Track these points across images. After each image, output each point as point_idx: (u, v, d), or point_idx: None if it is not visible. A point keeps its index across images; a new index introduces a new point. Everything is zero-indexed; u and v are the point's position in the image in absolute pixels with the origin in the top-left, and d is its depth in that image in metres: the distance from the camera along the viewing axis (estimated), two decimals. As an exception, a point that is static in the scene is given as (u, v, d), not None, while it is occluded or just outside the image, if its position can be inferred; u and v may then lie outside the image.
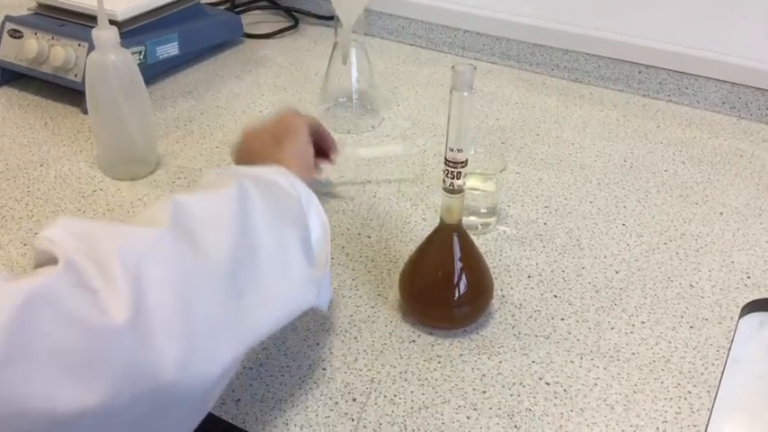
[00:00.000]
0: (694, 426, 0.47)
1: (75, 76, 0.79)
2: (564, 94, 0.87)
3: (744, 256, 0.61)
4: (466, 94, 0.46)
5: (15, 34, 0.83)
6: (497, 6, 0.90)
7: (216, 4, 1.04)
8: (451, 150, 0.48)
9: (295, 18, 1.03)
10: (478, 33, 0.93)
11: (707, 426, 0.47)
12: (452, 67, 0.46)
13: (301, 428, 0.45)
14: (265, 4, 1.05)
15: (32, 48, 0.80)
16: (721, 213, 0.67)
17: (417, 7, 0.95)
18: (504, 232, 0.64)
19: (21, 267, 0.58)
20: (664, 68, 0.84)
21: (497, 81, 0.89)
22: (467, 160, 0.48)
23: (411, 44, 0.98)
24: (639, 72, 0.85)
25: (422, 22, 0.96)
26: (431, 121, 0.80)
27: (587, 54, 0.87)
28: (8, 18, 0.84)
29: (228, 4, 1.04)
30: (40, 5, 0.85)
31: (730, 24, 0.79)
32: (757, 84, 0.80)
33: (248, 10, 1.04)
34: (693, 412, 0.47)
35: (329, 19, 1.01)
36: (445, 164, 0.48)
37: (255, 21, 1.03)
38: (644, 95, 0.86)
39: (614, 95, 0.86)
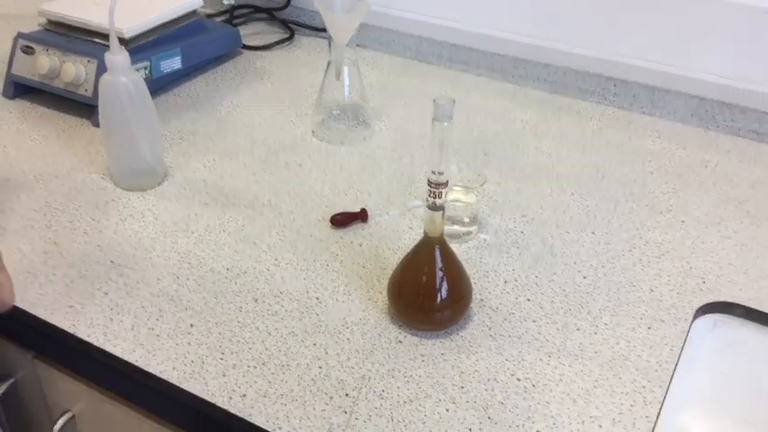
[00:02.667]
0: (646, 417, 0.53)
1: (86, 90, 0.84)
2: (544, 105, 0.92)
3: (701, 262, 0.67)
4: (446, 124, 0.52)
5: (28, 50, 0.88)
6: (483, 22, 0.96)
7: (215, 15, 1.09)
8: (433, 173, 0.53)
9: (291, 30, 1.08)
10: (465, 47, 0.98)
11: (658, 416, 0.53)
12: (434, 100, 0.51)
13: (300, 420, 0.52)
14: (263, 16, 1.10)
15: (44, 64, 0.85)
16: (683, 222, 0.73)
17: (407, 22, 1.00)
18: (485, 240, 0.69)
19: (43, 275, 0.64)
20: (637, 83, 0.90)
21: (482, 93, 0.95)
22: (447, 181, 0.54)
23: (401, 56, 1.04)
24: (614, 86, 0.91)
25: (411, 36, 1.01)
26: (419, 132, 0.86)
27: (566, 68, 0.93)
28: (21, 35, 0.89)
29: (227, 15, 1.09)
30: (50, 22, 0.91)
31: (698, 44, 0.85)
32: (723, 98, 0.86)
33: (246, 22, 1.09)
34: (646, 405, 0.54)
35: (323, 31, 1.06)
36: (428, 185, 0.54)
37: (253, 32, 1.08)
38: (618, 108, 0.92)
39: (591, 107, 0.92)
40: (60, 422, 0.66)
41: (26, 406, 0.70)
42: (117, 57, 0.68)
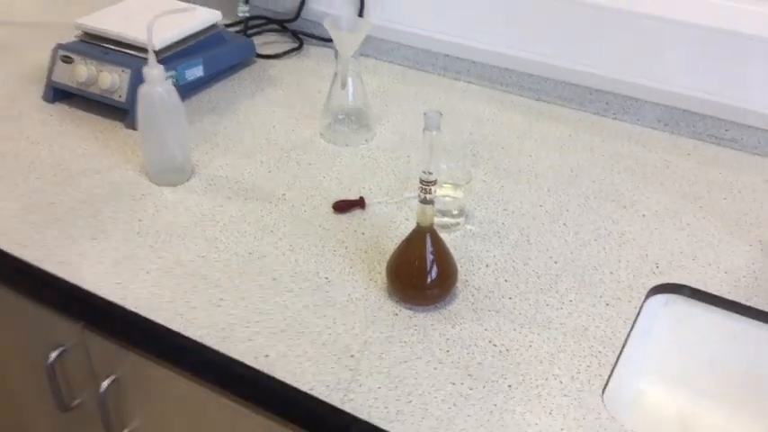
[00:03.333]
0: (600, 375, 0.64)
1: (120, 96, 0.95)
2: (528, 111, 1.03)
3: (656, 250, 0.78)
4: (434, 132, 0.62)
5: (67, 60, 0.99)
6: (474, 36, 1.07)
7: (231, 24, 1.20)
8: (424, 173, 0.64)
9: (300, 40, 1.19)
10: (457, 58, 1.09)
11: (609, 375, 0.64)
12: (424, 113, 0.62)
13: (313, 375, 0.62)
14: (275, 27, 1.21)
15: (82, 73, 0.96)
16: (644, 215, 0.84)
17: (406, 35, 1.11)
18: (471, 230, 0.80)
19: (90, 259, 0.74)
20: (610, 92, 1.00)
21: (472, 99, 1.06)
22: (436, 180, 0.65)
23: (400, 65, 1.14)
24: (590, 94, 1.02)
25: (409, 47, 1.12)
26: (415, 134, 0.97)
27: (548, 78, 1.04)
28: (60, 46, 0.99)
29: (242, 26, 1.20)
30: (86, 34, 1.01)
31: (662, 59, 0.96)
32: (685, 107, 0.97)
33: (259, 32, 1.20)
34: (600, 366, 0.65)
35: (329, 41, 1.16)
36: (420, 183, 0.65)
37: (266, 42, 1.19)
38: (593, 114, 1.03)
39: (569, 113, 1.03)
40: (105, 384, 0.77)
41: (74, 371, 0.81)
42: (154, 70, 0.79)
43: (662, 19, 0.93)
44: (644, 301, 0.72)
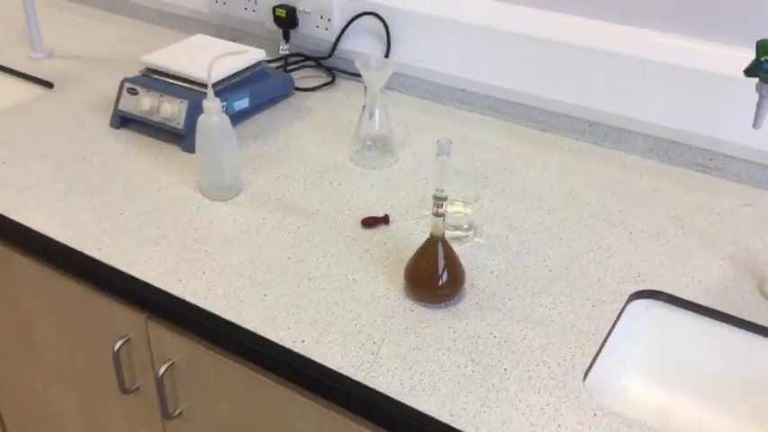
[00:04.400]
0: (582, 364, 0.75)
1: (178, 124, 1.10)
2: (534, 141, 1.16)
3: (639, 262, 0.90)
4: (445, 157, 0.76)
5: (132, 91, 1.14)
6: (486, 74, 1.20)
7: (273, 60, 1.35)
8: (437, 191, 0.77)
9: (333, 75, 1.33)
10: (471, 92, 1.22)
11: (591, 364, 0.76)
12: (437, 141, 0.75)
13: (342, 357, 0.75)
14: (311, 63, 1.36)
15: (146, 103, 1.11)
16: (631, 233, 0.95)
17: (427, 71, 1.25)
18: (478, 242, 0.93)
19: (155, 261, 0.88)
20: (607, 124, 1.13)
21: (485, 129, 1.19)
22: (446, 197, 0.78)
23: (421, 98, 1.28)
24: (590, 126, 1.14)
25: (430, 82, 1.26)
26: (432, 159, 1.10)
27: (552, 111, 1.17)
28: (126, 80, 1.15)
29: (283, 62, 1.35)
30: (149, 69, 1.17)
31: (653, 96, 1.08)
32: (674, 138, 1.09)
33: (298, 69, 1.35)
34: (584, 356, 0.76)
35: (359, 76, 1.31)
36: (433, 199, 0.78)
37: (303, 76, 1.34)
38: (592, 143, 1.15)
39: (570, 143, 1.15)
40: (162, 368, 0.90)
41: (135, 358, 0.95)
42: (211, 102, 0.94)
43: (650, 61, 1.06)
44: (625, 304, 0.84)
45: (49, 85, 1.29)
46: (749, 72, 0.82)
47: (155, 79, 1.15)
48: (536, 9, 1.14)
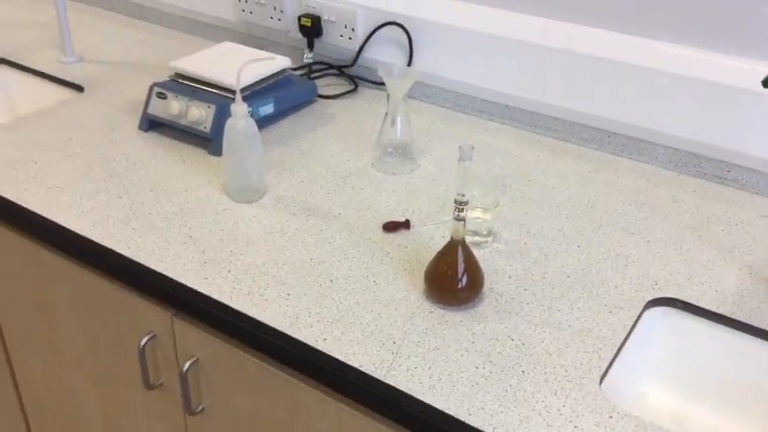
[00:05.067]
0: (598, 368, 0.77)
1: (205, 128, 1.13)
2: (552, 150, 1.18)
3: (657, 270, 0.91)
4: (467, 162, 0.78)
5: (161, 96, 1.17)
6: (506, 84, 1.22)
7: (297, 68, 1.38)
8: (458, 196, 0.79)
9: (355, 83, 1.36)
10: (491, 102, 1.24)
11: (607, 370, 0.77)
12: (459, 146, 0.77)
13: (363, 356, 0.77)
14: (334, 72, 1.39)
15: (175, 107, 1.14)
16: (648, 241, 0.97)
17: (448, 81, 1.27)
18: (497, 248, 0.95)
19: (182, 259, 0.91)
20: (626, 135, 1.14)
21: (504, 138, 1.21)
22: (467, 201, 0.80)
23: (442, 106, 1.30)
24: (608, 137, 1.16)
25: (450, 91, 1.28)
26: (454, 166, 1.12)
27: (571, 122, 1.18)
28: (155, 84, 1.18)
29: (307, 69, 1.38)
30: (177, 74, 1.20)
31: (673, 107, 1.09)
32: (692, 150, 1.10)
33: (321, 76, 1.38)
34: (600, 360, 0.78)
35: (381, 84, 1.33)
36: (454, 203, 0.80)
37: (326, 84, 1.36)
38: (611, 153, 1.17)
39: (589, 153, 1.17)
40: (187, 364, 0.92)
41: (161, 354, 0.97)
42: (239, 107, 0.96)
43: (669, 73, 1.07)
44: (642, 311, 0.85)
45: (79, 88, 1.33)
46: (767, 83, 0.83)
47: (183, 84, 1.18)
48: (557, 21, 1.16)
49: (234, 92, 0.98)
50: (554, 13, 1.16)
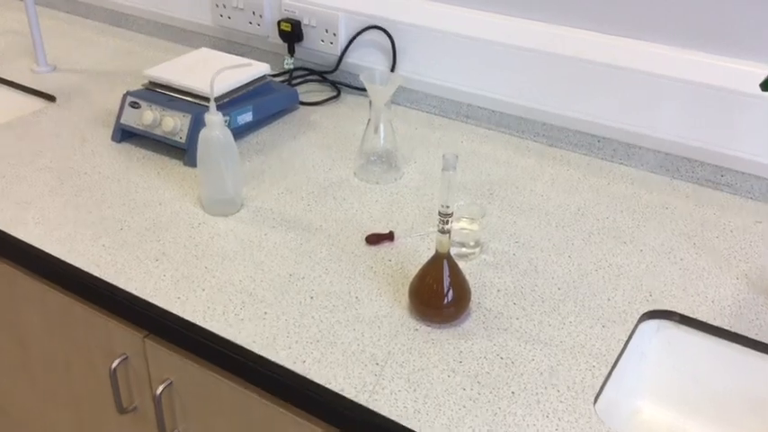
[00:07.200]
0: (592, 387, 0.73)
1: (180, 138, 1.08)
2: (541, 156, 1.14)
3: (650, 280, 0.88)
4: (451, 172, 0.74)
5: (134, 105, 1.13)
6: (493, 88, 1.19)
7: (277, 74, 1.34)
8: (442, 207, 0.75)
9: (338, 89, 1.32)
10: (478, 107, 1.21)
11: (602, 387, 0.73)
12: (443, 155, 0.73)
13: (344, 378, 0.73)
14: (316, 77, 1.35)
15: (149, 117, 1.10)
16: (641, 250, 0.93)
17: (433, 86, 1.24)
18: (485, 259, 0.91)
19: (154, 277, 0.86)
20: (616, 140, 1.11)
21: (492, 144, 1.17)
22: (452, 212, 0.76)
23: (427, 112, 1.26)
24: (598, 141, 1.12)
25: (435, 96, 1.24)
26: (439, 174, 1.08)
27: (560, 126, 1.15)
28: (129, 93, 1.14)
29: (288, 76, 1.34)
30: (151, 83, 1.16)
31: (662, 111, 1.06)
32: (684, 154, 1.06)
33: (303, 83, 1.34)
34: (594, 378, 0.74)
35: (364, 90, 1.29)
36: (438, 215, 0.76)
37: (307, 90, 1.32)
38: (601, 159, 1.13)
39: (579, 158, 1.13)
40: (160, 387, 0.88)
41: (133, 377, 0.92)
42: (214, 117, 0.92)
43: (661, 76, 1.04)
44: (636, 325, 0.81)
45: (51, 98, 1.28)
46: (766, 86, 0.80)
47: (157, 93, 1.13)
48: (544, 23, 1.12)
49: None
50: (541, 15, 1.12)
